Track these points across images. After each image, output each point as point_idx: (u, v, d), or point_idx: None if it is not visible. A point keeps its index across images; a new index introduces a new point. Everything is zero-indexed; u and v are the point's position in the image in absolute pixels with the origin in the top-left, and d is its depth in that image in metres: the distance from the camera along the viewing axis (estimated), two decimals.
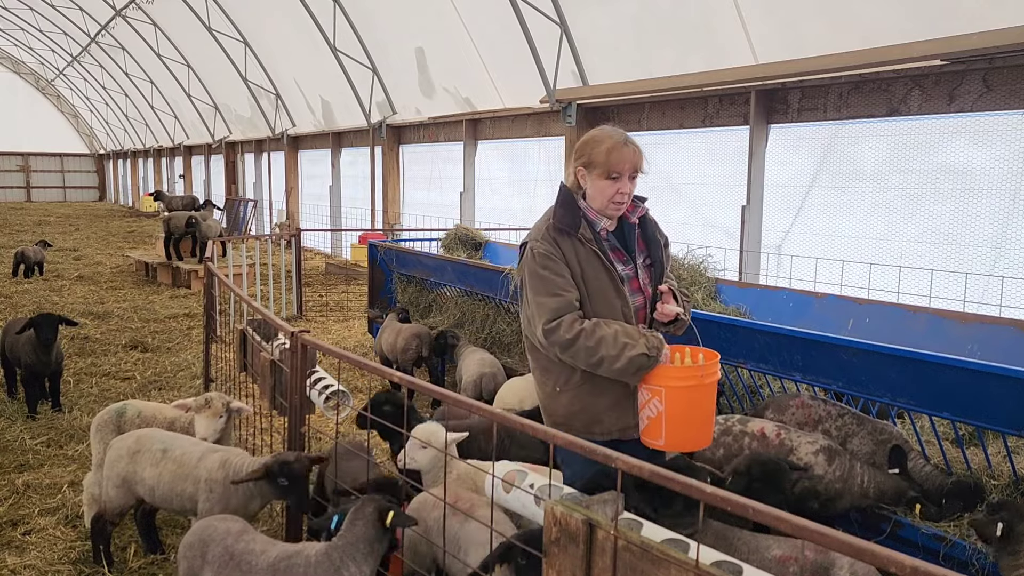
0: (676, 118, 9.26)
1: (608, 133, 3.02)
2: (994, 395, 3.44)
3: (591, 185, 3.01)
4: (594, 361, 2.85)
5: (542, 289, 2.94)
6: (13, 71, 40.20)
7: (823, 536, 1.62)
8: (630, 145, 2.98)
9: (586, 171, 3.02)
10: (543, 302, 2.92)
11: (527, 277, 3.00)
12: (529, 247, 3.02)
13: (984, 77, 6.34)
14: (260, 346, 5.08)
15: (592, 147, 2.99)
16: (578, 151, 3.06)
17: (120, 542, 4.29)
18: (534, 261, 2.97)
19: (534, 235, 3.04)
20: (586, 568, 1.90)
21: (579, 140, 3.09)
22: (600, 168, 2.96)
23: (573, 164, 3.08)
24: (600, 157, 2.95)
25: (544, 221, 3.08)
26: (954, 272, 6.60)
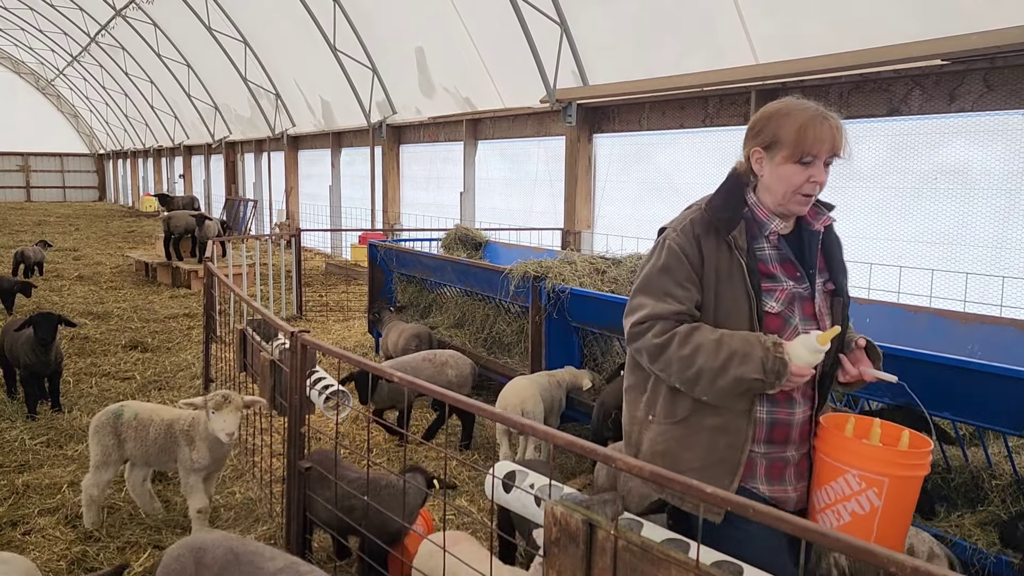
0: (676, 118, 9.26)
1: (800, 105, 2.38)
2: (994, 395, 3.44)
3: (771, 172, 2.38)
4: (689, 375, 2.30)
5: (652, 287, 2.41)
6: (13, 71, 40.20)
7: (824, 537, 1.62)
8: (830, 120, 2.35)
9: (765, 153, 2.39)
10: (643, 302, 2.41)
11: (643, 265, 2.50)
12: (664, 235, 2.47)
13: (985, 77, 6.33)
14: (260, 346, 5.08)
15: (778, 121, 2.36)
16: (756, 127, 2.43)
17: (119, 543, 4.29)
18: (660, 254, 2.43)
19: (675, 223, 2.48)
20: (586, 568, 1.90)
21: (757, 113, 2.46)
22: (788, 148, 2.33)
23: (748, 144, 2.45)
24: (789, 134, 2.32)
25: (694, 209, 2.49)
26: (954, 272, 6.59)
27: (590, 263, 6.39)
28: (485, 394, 7.20)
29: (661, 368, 2.37)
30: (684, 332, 2.32)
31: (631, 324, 2.43)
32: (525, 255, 7.54)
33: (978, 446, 4.07)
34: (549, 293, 5.89)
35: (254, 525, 4.52)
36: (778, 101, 2.44)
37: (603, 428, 4.70)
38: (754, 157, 2.43)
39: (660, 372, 2.39)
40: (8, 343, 6.49)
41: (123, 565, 3.21)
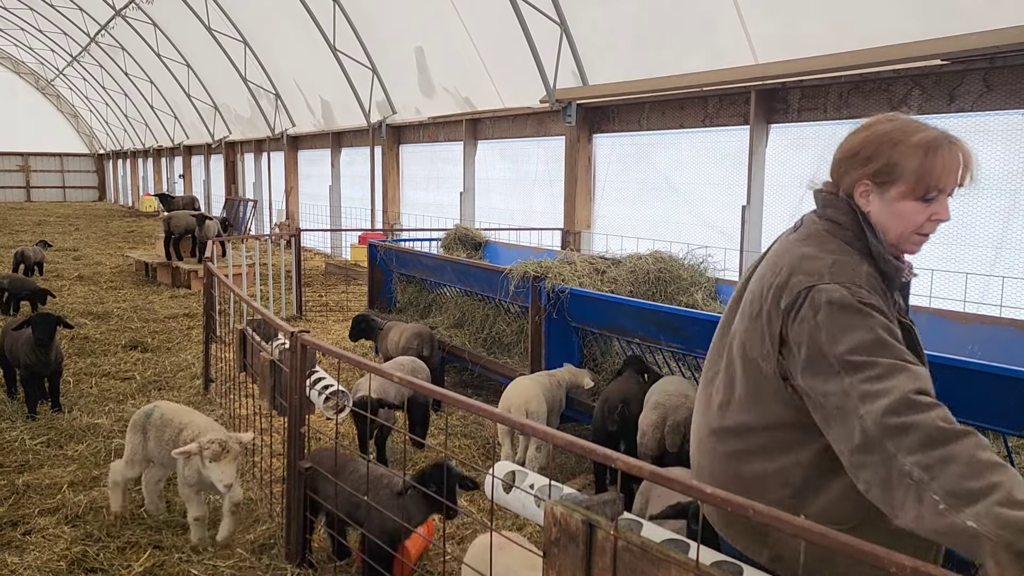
0: (676, 118, 9.26)
1: (917, 126, 1.95)
2: (994, 395, 3.44)
3: (884, 208, 1.98)
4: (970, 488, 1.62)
5: (892, 352, 1.82)
6: (13, 71, 40.20)
7: (823, 537, 1.62)
8: (957, 144, 1.94)
9: (874, 185, 1.98)
10: (896, 365, 1.79)
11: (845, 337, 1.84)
12: (844, 293, 1.88)
13: (984, 77, 6.34)
14: (260, 346, 5.08)
15: (894, 147, 1.94)
16: (864, 152, 1.99)
17: (119, 543, 4.28)
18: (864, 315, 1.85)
19: (845, 276, 1.91)
20: (586, 568, 1.90)
21: (862, 134, 2.01)
22: (909, 182, 1.93)
23: (852, 171, 2.02)
24: (911, 164, 1.92)
25: (848, 256, 1.98)
26: (954, 272, 6.60)
27: (590, 263, 6.39)
28: (485, 394, 7.20)
29: (927, 465, 1.66)
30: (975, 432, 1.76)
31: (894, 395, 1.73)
32: (525, 255, 7.54)
33: None
34: (549, 293, 5.89)
35: (254, 525, 4.51)
36: (888, 119, 2.00)
37: (608, 422, 4.70)
38: (859, 189, 2.01)
39: (917, 473, 1.67)
40: (8, 343, 6.49)
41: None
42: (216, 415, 6.48)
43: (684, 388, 4.54)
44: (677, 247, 7.28)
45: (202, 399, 6.97)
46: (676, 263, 6.52)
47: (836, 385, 1.83)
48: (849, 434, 1.80)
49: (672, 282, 6.32)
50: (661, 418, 4.35)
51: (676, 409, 4.33)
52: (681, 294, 6.27)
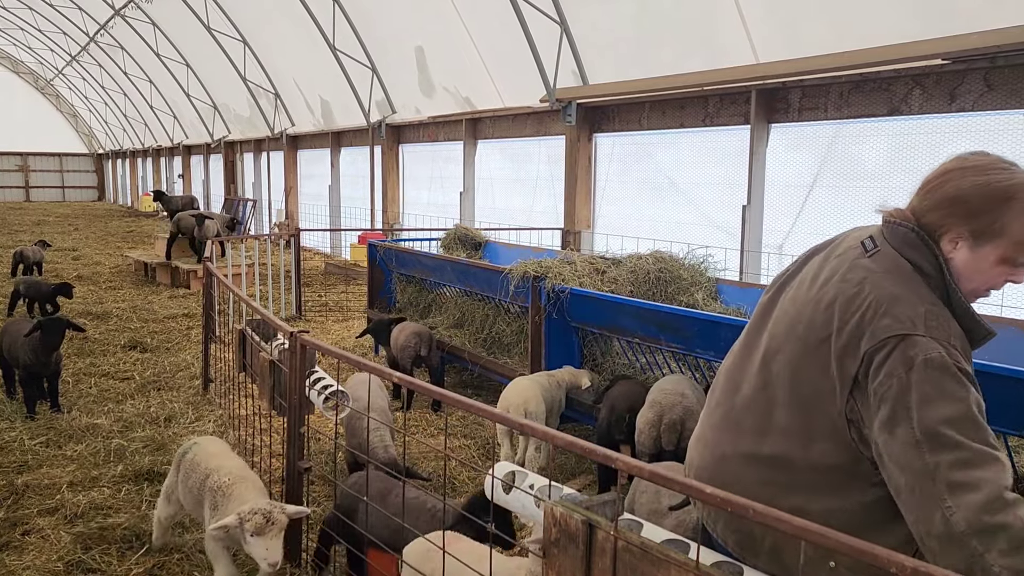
0: (676, 117, 9.25)
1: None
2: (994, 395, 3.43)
3: (970, 262, 1.87)
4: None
5: (982, 433, 1.71)
6: (12, 71, 40.20)
7: (823, 537, 1.62)
8: None
9: (972, 241, 1.85)
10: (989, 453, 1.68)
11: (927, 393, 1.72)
12: (941, 352, 1.74)
13: (985, 76, 6.33)
14: (259, 346, 5.07)
15: (1007, 204, 1.81)
16: (972, 203, 1.85)
17: (119, 545, 4.28)
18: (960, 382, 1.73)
19: (941, 333, 1.77)
20: (586, 569, 1.90)
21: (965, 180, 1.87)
22: (1010, 245, 1.82)
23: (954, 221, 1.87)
24: (1018, 229, 1.80)
25: (938, 308, 1.83)
26: None
27: (590, 263, 6.38)
28: (485, 394, 7.20)
29: (1017, 568, 1.59)
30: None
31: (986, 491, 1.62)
32: (525, 255, 7.53)
33: None
34: (549, 293, 5.89)
35: None
36: (1004, 169, 1.86)
37: (614, 431, 4.67)
38: (950, 235, 1.87)
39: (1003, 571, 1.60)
40: (7, 343, 6.48)
41: None
42: (216, 415, 6.48)
43: (681, 386, 4.52)
44: (677, 247, 7.27)
45: (201, 399, 6.97)
46: (676, 263, 6.51)
47: (918, 459, 1.70)
48: (928, 518, 1.69)
49: (672, 282, 6.32)
50: (657, 416, 4.35)
51: (672, 408, 4.33)
52: (681, 294, 6.26)
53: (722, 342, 4.15)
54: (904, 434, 1.71)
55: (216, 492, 3.45)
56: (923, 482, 1.68)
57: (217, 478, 3.51)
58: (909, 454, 1.70)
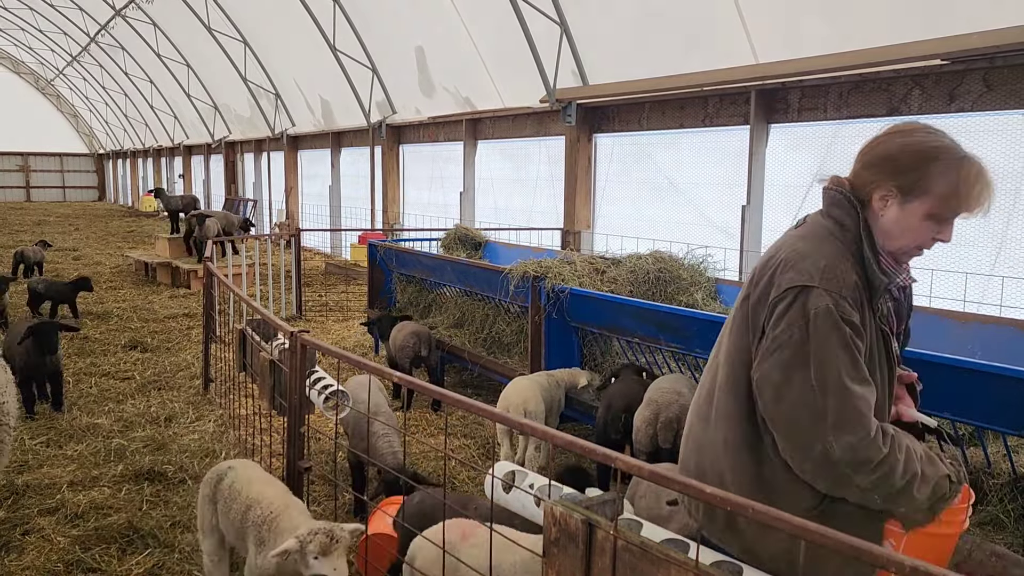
0: (676, 118, 9.26)
1: (955, 150, 1.99)
2: (994, 395, 3.44)
3: (898, 219, 2.01)
4: (899, 486, 1.94)
5: (855, 375, 1.94)
6: (13, 71, 40.20)
7: (823, 537, 1.62)
8: (985, 175, 1.98)
9: (900, 197, 2.01)
10: (861, 394, 1.93)
11: (825, 351, 1.93)
12: (829, 305, 1.94)
13: (984, 77, 6.33)
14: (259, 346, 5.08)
15: (933, 167, 1.96)
16: (899, 162, 2.01)
17: (120, 544, 4.28)
18: (842, 332, 1.94)
19: (834, 285, 1.96)
20: (585, 568, 1.90)
21: (902, 145, 2.05)
22: (934, 203, 1.97)
23: (881, 178, 2.04)
24: (942, 188, 1.95)
25: (841, 261, 2.01)
26: (954, 272, 6.59)
27: (590, 263, 6.38)
28: (485, 394, 7.20)
29: (877, 479, 1.93)
30: (896, 438, 1.96)
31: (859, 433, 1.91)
32: (525, 255, 7.53)
33: (977, 446, 4.08)
34: (549, 293, 5.89)
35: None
36: (928, 132, 2.05)
37: (612, 430, 4.68)
38: (880, 193, 2.03)
39: (870, 484, 1.93)
40: (4, 346, 6.46)
41: None
42: (216, 415, 6.48)
43: (678, 385, 4.54)
44: (677, 247, 7.28)
45: (201, 399, 6.97)
46: (676, 263, 6.51)
47: (812, 401, 1.94)
48: (810, 447, 1.96)
49: (672, 282, 6.32)
50: (654, 414, 4.37)
51: (668, 406, 4.35)
52: (681, 294, 6.26)
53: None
54: (801, 379, 1.95)
55: (261, 526, 3.18)
56: (812, 420, 1.93)
57: (260, 511, 3.23)
58: (806, 396, 1.94)
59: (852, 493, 1.98)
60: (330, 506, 4.71)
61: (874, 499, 1.97)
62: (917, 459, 1.97)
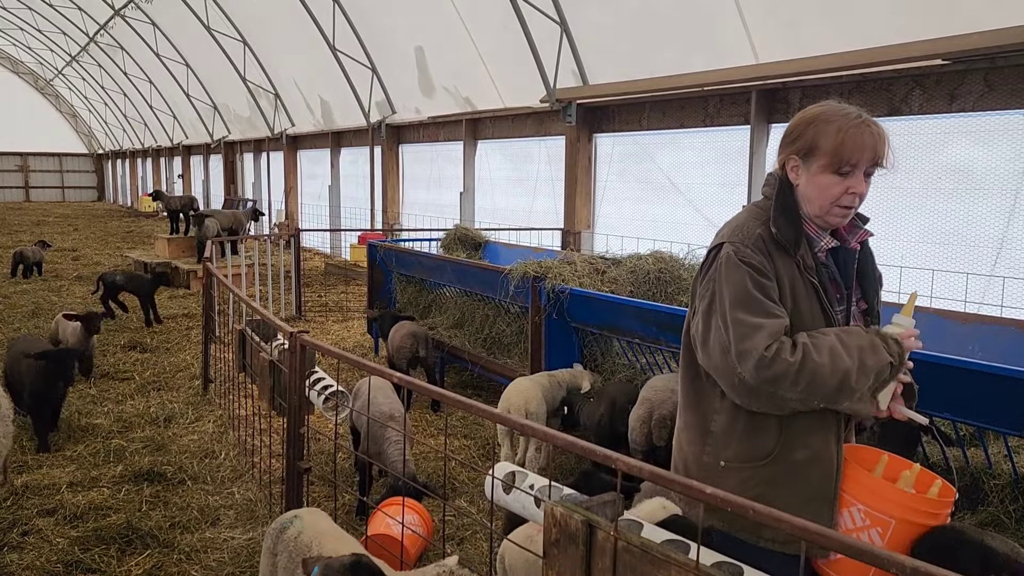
0: (677, 118, 9.25)
1: (837, 110, 2.22)
2: (995, 395, 3.43)
3: (808, 181, 2.24)
4: (832, 386, 2.08)
5: (753, 307, 2.15)
6: (12, 71, 40.20)
7: (823, 537, 1.62)
8: (870, 126, 2.20)
9: (801, 161, 2.24)
10: (756, 323, 2.12)
11: (724, 289, 2.19)
12: (730, 251, 2.21)
13: (985, 77, 6.33)
14: (259, 346, 5.07)
15: (816, 127, 2.21)
16: (793, 132, 2.27)
17: (119, 544, 4.28)
18: (741, 271, 2.18)
19: (738, 236, 2.24)
20: (586, 569, 1.89)
21: (795, 117, 2.30)
22: (825, 157, 2.19)
23: (784, 150, 2.30)
24: (827, 141, 2.18)
25: (752, 221, 2.28)
26: (955, 272, 6.59)
27: (590, 263, 6.38)
28: (485, 394, 7.19)
29: (804, 387, 2.07)
30: (811, 343, 2.10)
31: (758, 352, 2.08)
32: (525, 255, 7.53)
33: (978, 446, 4.07)
34: (549, 293, 5.88)
35: (254, 525, 4.51)
36: (818, 105, 2.28)
37: (618, 423, 4.73)
38: (790, 164, 2.28)
39: (800, 394, 2.08)
40: (9, 363, 6.01)
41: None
42: (216, 415, 6.48)
43: (672, 383, 4.57)
44: (677, 247, 7.27)
45: (201, 399, 6.96)
46: (676, 263, 6.51)
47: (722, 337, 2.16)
48: (731, 381, 2.16)
49: (672, 282, 6.32)
50: (648, 412, 4.40)
51: (662, 404, 4.38)
52: (681, 294, 6.26)
53: None
54: (715, 322, 2.19)
55: None
56: (722, 354, 2.16)
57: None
58: (718, 335, 2.18)
59: (792, 405, 2.12)
60: (330, 507, 4.70)
61: (816, 404, 2.11)
62: (848, 354, 2.09)
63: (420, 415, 6.66)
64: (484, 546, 4.28)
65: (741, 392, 2.14)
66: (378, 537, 3.70)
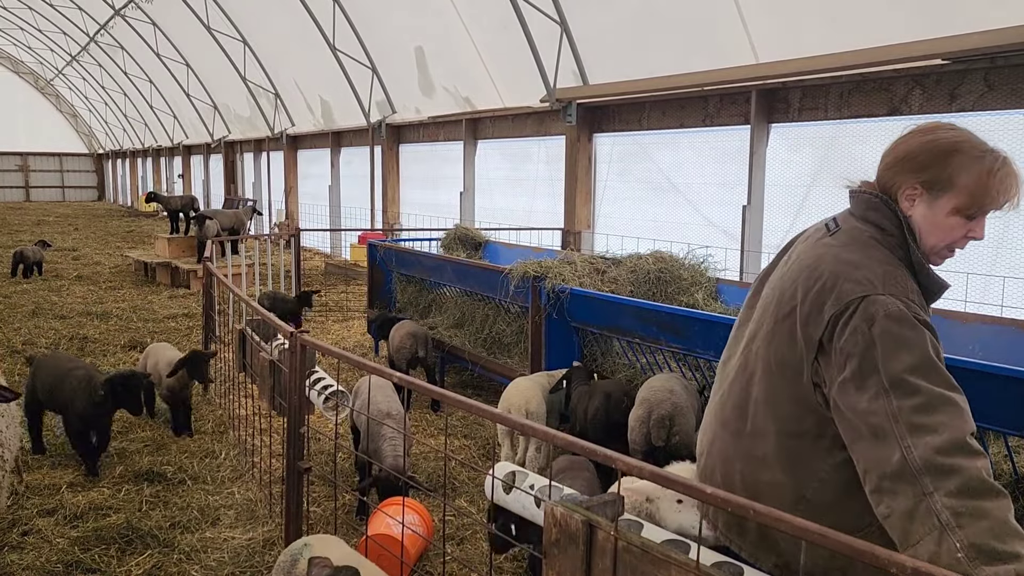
0: (676, 117, 9.25)
1: (979, 144, 1.94)
2: (995, 395, 3.43)
3: (928, 217, 1.97)
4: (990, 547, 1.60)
5: (940, 378, 1.79)
6: (12, 71, 40.19)
7: (824, 538, 1.61)
8: (1010, 166, 1.94)
9: (925, 193, 1.96)
10: (946, 399, 1.75)
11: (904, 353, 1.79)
12: (901, 307, 1.83)
13: (985, 76, 6.33)
14: (259, 346, 5.07)
15: (955, 162, 1.92)
16: (920, 159, 1.96)
17: (120, 544, 4.28)
18: (921, 332, 1.82)
19: (898, 288, 1.87)
20: (586, 569, 1.89)
21: (921, 140, 2.00)
22: (962, 198, 1.92)
23: (906, 176, 1.98)
24: (968, 181, 1.91)
25: (895, 268, 1.93)
26: (955, 272, 6.58)
27: (590, 263, 6.38)
28: (485, 394, 7.19)
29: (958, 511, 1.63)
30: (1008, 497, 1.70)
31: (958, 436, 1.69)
32: (525, 255, 7.53)
33: None
34: (549, 293, 5.88)
35: (254, 525, 4.51)
36: (951, 128, 2.01)
37: (614, 413, 4.77)
38: (907, 192, 1.98)
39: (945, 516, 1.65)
40: (48, 384, 5.32)
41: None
42: (216, 415, 6.47)
43: (670, 384, 4.58)
44: (678, 247, 7.27)
45: (201, 399, 6.96)
46: (677, 263, 6.50)
47: (882, 405, 1.77)
48: (886, 458, 1.75)
49: (672, 282, 6.32)
50: (647, 413, 4.41)
51: (660, 404, 4.39)
52: (682, 294, 6.26)
53: (722, 342, 4.13)
54: (871, 385, 1.79)
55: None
56: (884, 424, 1.75)
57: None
58: (875, 403, 1.77)
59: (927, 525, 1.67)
60: (330, 507, 4.70)
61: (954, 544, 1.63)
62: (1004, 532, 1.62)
63: (420, 415, 6.66)
64: (484, 546, 4.28)
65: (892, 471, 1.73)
66: (378, 537, 3.70)
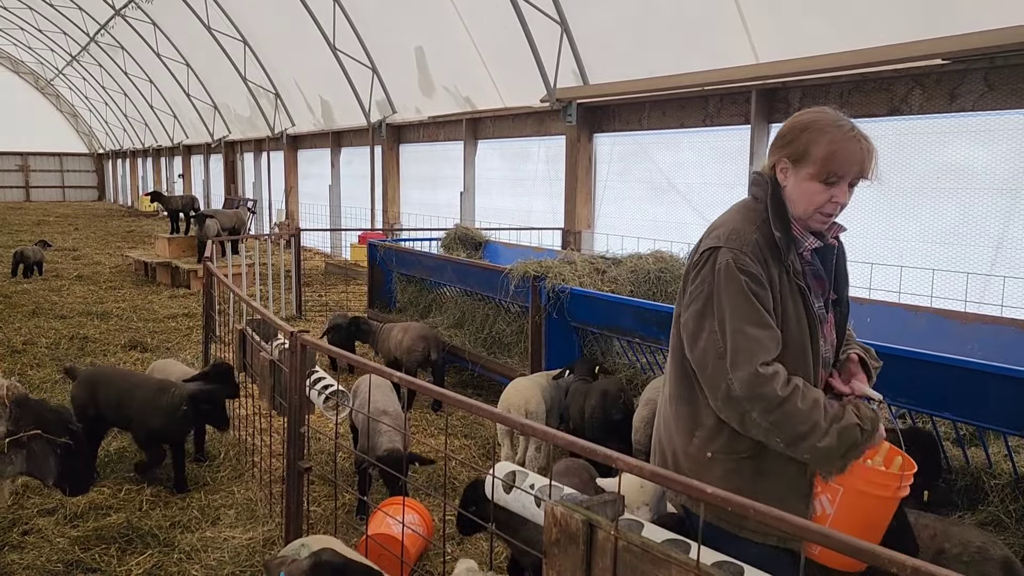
0: (677, 117, 9.25)
1: (832, 120, 2.30)
2: (995, 395, 3.44)
3: (795, 185, 2.31)
4: (800, 431, 2.14)
5: (751, 317, 2.20)
6: (12, 71, 40.19)
7: (825, 537, 1.62)
8: (860, 141, 2.29)
9: (791, 166, 2.31)
10: (755, 336, 2.18)
11: (723, 296, 2.23)
12: (729, 259, 2.24)
13: (985, 76, 6.33)
14: (259, 346, 5.07)
15: (810, 135, 2.27)
16: (786, 137, 2.33)
17: (120, 544, 4.28)
18: (739, 281, 2.22)
19: (736, 243, 2.27)
20: (586, 569, 1.89)
21: (790, 120, 2.37)
22: (815, 165, 2.26)
23: (776, 152, 2.36)
24: (818, 150, 2.25)
25: (747, 225, 2.32)
26: (955, 272, 6.59)
27: (590, 263, 6.38)
28: (485, 394, 7.19)
29: (774, 420, 2.14)
30: (803, 387, 2.16)
31: (752, 366, 2.14)
32: (525, 255, 7.53)
33: (978, 446, 4.07)
34: (549, 293, 5.88)
35: (254, 525, 4.51)
36: (813, 111, 2.35)
37: (612, 411, 4.80)
38: (779, 166, 2.35)
39: (768, 424, 2.16)
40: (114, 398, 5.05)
41: None
42: None
43: None
44: (678, 247, 7.27)
45: None
46: (677, 263, 6.51)
47: (718, 343, 2.21)
48: (719, 386, 2.21)
49: (673, 282, 6.32)
50: (651, 413, 4.40)
51: None
52: None
53: None
54: (708, 326, 2.25)
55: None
56: (716, 359, 2.22)
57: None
58: (712, 339, 2.23)
59: (756, 430, 2.19)
60: (330, 506, 4.71)
61: (776, 441, 2.18)
62: (824, 413, 2.15)
63: (420, 415, 6.66)
64: (484, 546, 4.28)
65: (721, 397, 2.21)
66: (378, 537, 3.70)
